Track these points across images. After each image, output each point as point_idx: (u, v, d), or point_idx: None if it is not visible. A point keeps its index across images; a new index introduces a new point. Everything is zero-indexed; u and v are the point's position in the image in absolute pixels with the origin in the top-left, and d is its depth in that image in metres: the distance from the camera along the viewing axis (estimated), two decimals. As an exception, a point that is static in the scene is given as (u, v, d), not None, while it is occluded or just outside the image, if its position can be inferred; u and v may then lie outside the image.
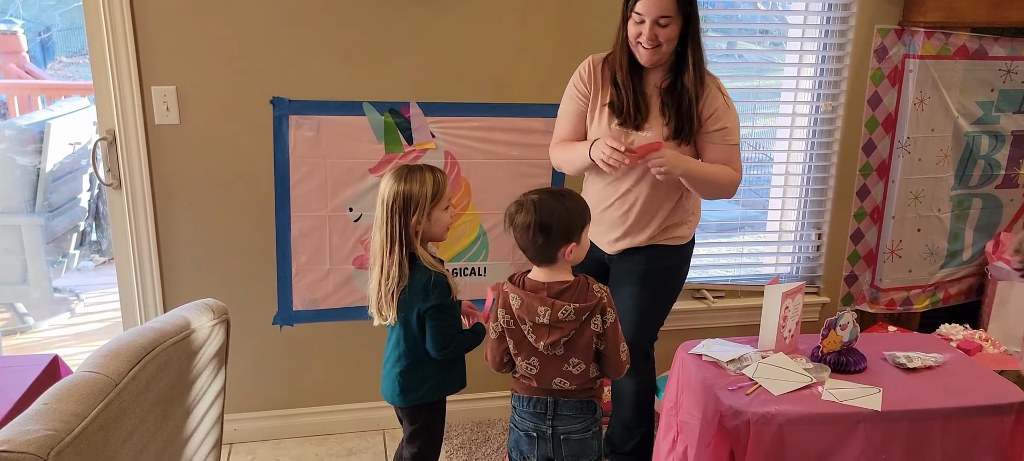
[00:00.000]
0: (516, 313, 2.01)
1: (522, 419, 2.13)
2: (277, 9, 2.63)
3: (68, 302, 4.32)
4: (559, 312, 1.96)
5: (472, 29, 2.76)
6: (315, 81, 2.71)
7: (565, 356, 2.02)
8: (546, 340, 1.98)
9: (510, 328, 2.04)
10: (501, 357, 2.11)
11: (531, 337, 2.00)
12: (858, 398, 2.19)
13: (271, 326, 2.93)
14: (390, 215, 2.10)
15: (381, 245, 2.12)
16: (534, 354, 2.03)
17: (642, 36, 2.27)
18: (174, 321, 1.59)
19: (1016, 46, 3.17)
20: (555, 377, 2.04)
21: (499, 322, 2.05)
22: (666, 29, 2.26)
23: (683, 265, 2.59)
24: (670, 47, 2.30)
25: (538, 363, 2.04)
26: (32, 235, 4.10)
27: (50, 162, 4.14)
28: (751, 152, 3.42)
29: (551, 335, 1.98)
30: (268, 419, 3.03)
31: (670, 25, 2.26)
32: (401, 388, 2.23)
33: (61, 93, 5.40)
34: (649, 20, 2.25)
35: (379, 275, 2.14)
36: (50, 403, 1.27)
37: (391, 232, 2.10)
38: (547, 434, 2.09)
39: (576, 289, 1.99)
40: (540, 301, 1.97)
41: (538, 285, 2.00)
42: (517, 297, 2.00)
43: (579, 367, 2.03)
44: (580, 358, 2.02)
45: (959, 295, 3.53)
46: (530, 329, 1.99)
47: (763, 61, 3.40)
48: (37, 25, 7.64)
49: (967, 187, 3.34)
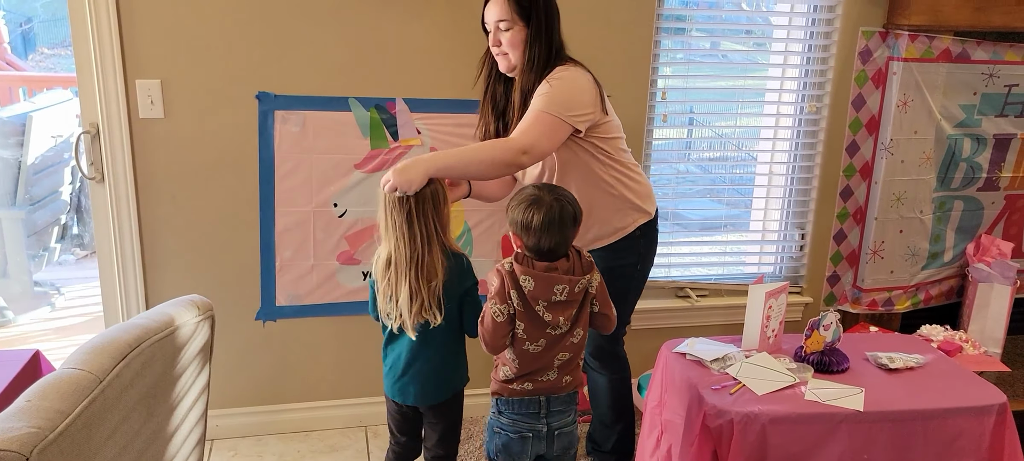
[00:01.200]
0: (530, 294, 1.98)
1: (513, 421, 2.12)
2: (264, 3, 2.61)
3: (49, 296, 4.29)
4: (575, 287, 1.98)
5: (458, 26, 2.75)
6: (301, 76, 2.70)
7: (570, 330, 2.05)
8: (565, 315, 2.00)
9: (520, 311, 2.01)
10: (504, 339, 2.06)
11: (546, 316, 2.00)
12: (840, 398, 2.21)
13: (254, 322, 2.91)
14: (420, 215, 2.05)
15: (415, 248, 2.05)
16: (542, 336, 2.03)
17: (491, 43, 2.33)
18: (158, 318, 1.58)
19: (999, 50, 3.20)
20: (558, 353, 2.07)
21: (509, 304, 2.00)
22: (508, 34, 2.26)
23: (634, 259, 2.49)
24: (517, 52, 2.28)
25: (545, 342, 2.05)
26: (12, 228, 4.06)
27: (32, 155, 4.10)
28: (734, 151, 3.44)
29: (566, 310, 2.00)
30: (250, 415, 3.02)
31: (512, 29, 2.26)
32: (441, 382, 2.21)
33: (43, 85, 5.34)
34: (491, 27, 2.30)
35: (417, 279, 2.05)
36: (34, 400, 1.26)
37: (425, 229, 2.05)
38: (542, 432, 2.12)
39: (572, 260, 2.02)
40: (557, 279, 1.97)
41: (549, 265, 2.00)
42: (530, 279, 1.98)
43: (578, 335, 2.07)
44: (581, 327, 2.07)
45: (940, 296, 3.57)
46: (545, 308, 1.99)
47: (747, 61, 3.42)
48: (18, 16, 7.56)
49: (949, 189, 3.38)
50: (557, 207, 1.98)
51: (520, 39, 2.26)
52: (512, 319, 2.03)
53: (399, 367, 2.21)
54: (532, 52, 2.26)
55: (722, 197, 3.45)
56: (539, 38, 2.26)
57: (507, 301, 2.00)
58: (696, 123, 3.35)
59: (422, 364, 2.19)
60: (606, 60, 2.87)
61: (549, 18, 2.28)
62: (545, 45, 2.27)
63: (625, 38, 2.90)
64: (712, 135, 3.40)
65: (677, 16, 3.04)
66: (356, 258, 2.90)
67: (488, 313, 2.05)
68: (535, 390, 2.10)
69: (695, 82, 3.17)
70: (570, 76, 2.25)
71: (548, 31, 2.27)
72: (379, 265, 2.12)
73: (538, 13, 2.25)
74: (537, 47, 2.26)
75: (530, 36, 2.25)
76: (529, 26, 2.25)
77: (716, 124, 3.33)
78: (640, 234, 2.47)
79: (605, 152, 2.37)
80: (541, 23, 2.25)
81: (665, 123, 3.14)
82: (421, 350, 2.17)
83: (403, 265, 2.06)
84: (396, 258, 2.07)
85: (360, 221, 2.87)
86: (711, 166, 3.47)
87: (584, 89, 2.27)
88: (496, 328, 2.04)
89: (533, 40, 2.25)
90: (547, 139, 2.20)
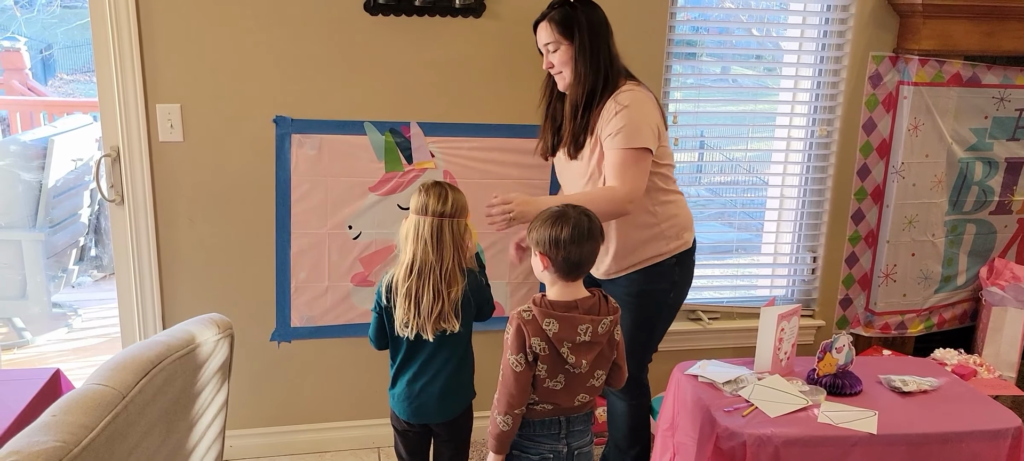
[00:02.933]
0: (554, 337, 1.96)
1: (536, 443, 2.10)
2: (281, 29, 2.66)
3: (66, 317, 4.33)
4: (598, 327, 1.97)
5: (472, 51, 2.79)
6: (317, 100, 2.75)
7: (590, 371, 2.03)
8: (588, 358, 1.98)
9: (544, 354, 1.97)
10: (525, 391, 2.01)
11: (570, 359, 1.97)
12: (854, 421, 2.21)
13: (269, 342, 2.94)
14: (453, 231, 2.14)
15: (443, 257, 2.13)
16: (562, 372, 2.00)
17: (544, 66, 2.45)
18: (180, 335, 1.61)
19: (1009, 74, 3.22)
20: (579, 394, 2.05)
21: (530, 351, 1.97)
22: (557, 54, 2.39)
23: (665, 287, 2.49)
24: (569, 69, 2.38)
25: (564, 380, 2.01)
26: (32, 250, 4.11)
27: (53, 178, 4.17)
28: (746, 175, 3.45)
29: (591, 351, 1.98)
30: (264, 435, 3.04)
31: (560, 49, 2.38)
32: (455, 396, 2.26)
33: (63, 110, 5.43)
34: (542, 49, 2.43)
35: (441, 283, 2.13)
36: (58, 415, 1.29)
37: (454, 242, 2.14)
38: (563, 452, 2.10)
39: (598, 301, 2.01)
40: (579, 319, 1.96)
41: (568, 305, 1.98)
42: (553, 321, 1.95)
43: (601, 378, 2.06)
44: (603, 370, 2.05)
45: (954, 320, 3.56)
46: (569, 350, 1.96)
47: (757, 85, 3.44)
48: (39, 42, 7.69)
49: (961, 213, 3.38)
50: (585, 221, 1.98)
51: (568, 57, 2.37)
52: (533, 364, 1.99)
53: (414, 385, 2.24)
54: (579, 68, 2.36)
55: (733, 221, 3.46)
56: (584, 53, 2.35)
57: (523, 351, 1.97)
58: (707, 147, 3.38)
59: (435, 378, 2.22)
60: (618, 84, 2.91)
61: (594, 34, 2.36)
62: (592, 60, 2.35)
63: (636, 62, 2.92)
64: (723, 159, 3.42)
65: (687, 41, 3.08)
66: (370, 280, 2.93)
67: (507, 367, 2.01)
68: (554, 411, 2.08)
69: (706, 106, 3.20)
70: (637, 101, 2.33)
71: (594, 47, 2.36)
72: (400, 272, 2.17)
73: (581, 30, 2.35)
74: (582, 62, 2.36)
75: (576, 53, 2.35)
76: (574, 43, 2.35)
77: (727, 148, 3.35)
78: (676, 262, 2.48)
79: (658, 187, 2.43)
80: (586, 39, 2.35)
81: (676, 146, 3.16)
82: (434, 364, 2.21)
83: (427, 270, 2.13)
84: (422, 262, 2.13)
85: (374, 243, 2.90)
86: (722, 190, 3.49)
87: (649, 112, 2.35)
88: (517, 379, 1.98)
89: (578, 56, 2.35)
90: (642, 175, 2.32)
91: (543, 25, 2.40)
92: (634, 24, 2.86)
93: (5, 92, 5.90)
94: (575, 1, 2.38)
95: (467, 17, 2.76)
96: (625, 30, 2.88)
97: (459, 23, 2.76)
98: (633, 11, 2.85)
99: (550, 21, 2.38)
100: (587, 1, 2.41)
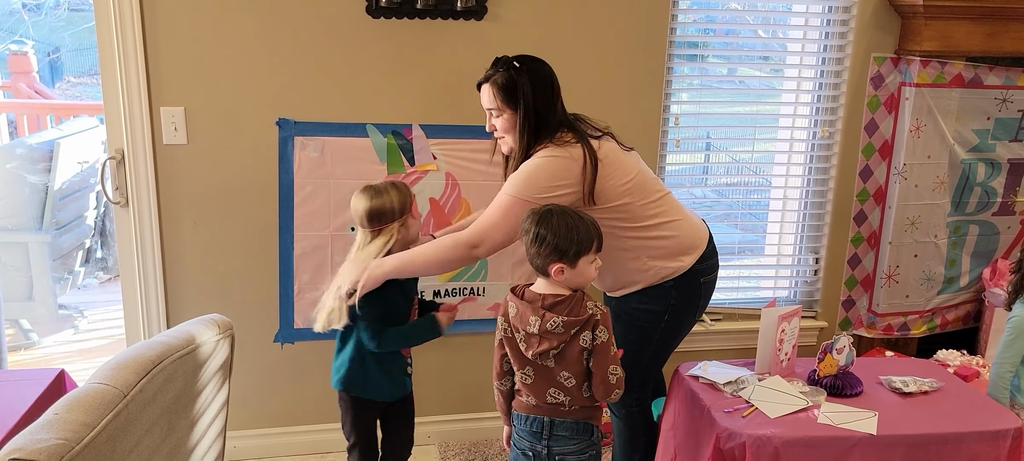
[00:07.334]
0: (511, 322, 2.07)
1: (520, 438, 2.17)
2: (284, 33, 2.68)
3: (72, 319, 4.36)
4: (548, 323, 2.00)
5: (473, 53, 2.80)
6: (320, 103, 2.76)
7: (556, 368, 2.06)
8: (535, 349, 2.03)
9: (507, 336, 2.11)
10: (500, 366, 2.20)
11: (522, 346, 2.06)
12: (854, 422, 2.21)
13: (272, 343, 2.96)
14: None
15: None
16: (528, 363, 2.08)
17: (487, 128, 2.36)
18: (180, 335, 1.63)
19: (1011, 75, 3.21)
20: (549, 388, 2.08)
21: (501, 328, 2.13)
22: (499, 120, 2.28)
23: (659, 309, 2.37)
24: (511, 136, 2.27)
25: (533, 373, 2.09)
26: (39, 252, 4.14)
27: (58, 180, 4.19)
28: (750, 177, 3.46)
29: (540, 345, 2.02)
30: (267, 436, 3.05)
31: (503, 116, 2.26)
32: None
33: (70, 113, 5.46)
34: (485, 111, 2.32)
35: None
36: (61, 413, 1.31)
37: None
38: (542, 454, 2.12)
39: (569, 303, 2.02)
40: (533, 311, 2.02)
41: (535, 296, 2.05)
42: (514, 306, 2.08)
43: (570, 381, 2.06)
44: (570, 372, 2.06)
45: (957, 321, 3.56)
46: (522, 338, 2.05)
47: (763, 87, 3.45)
48: (46, 45, 7.74)
49: (964, 214, 3.38)
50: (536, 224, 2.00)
51: (511, 124, 2.26)
52: (501, 344, 2.15)
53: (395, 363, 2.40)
54: (523, 138, 2.24)
55: (737, 221, 3.47)
56: (528, 122, 2.22)
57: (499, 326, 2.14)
58: (712, 148, 3.38)
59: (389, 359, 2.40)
60: (617, 86, 2.92)
61: (540, 98, 2.23)
62: (537, 129, 2.23)
63: (636, 64, 2.94)
64: (728, 160, 3.43)
65: (690, 43, 3.09)
66: (373, 281, 2.94)
67: None
68: (537, 409, 2.11)
69: (711, 107, 3.21)
70: (550, 154, 2.20)
71: (540, 114, 2.23)
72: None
73: (526, 99, 2.21)
74: (528, 132, 2.23)
75: (520, 122, 2.23)
76: (517, 111, 2.23)
77: (732, 149, 3.36)
78: (673, 286, 2.35)
79: (626, 225, 2.29)
80: (530, 108, 2.22)
81: (678, 148, 3.17)
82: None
83: None
84: None
85: (377, 245, 2.91)
86: (727, 191, 3.50)
87: (558, 168, 2.19)
88: (496, 349, 2.18)
89: (523, 125, 2.23)
90: (504, 224, 2.21)
91: (486, 87, 2.27)
92: (634, 25, 2.88)
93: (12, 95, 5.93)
94: (520, 63, 2.24)
95: (469, 20, 2.77)
96: (625, 31, 2.90)
97: (461, 26, 2.78)
98: (633, 12, 2.86)
99: (493, 84, 2.24)
100: (532, 59, 2.27)
